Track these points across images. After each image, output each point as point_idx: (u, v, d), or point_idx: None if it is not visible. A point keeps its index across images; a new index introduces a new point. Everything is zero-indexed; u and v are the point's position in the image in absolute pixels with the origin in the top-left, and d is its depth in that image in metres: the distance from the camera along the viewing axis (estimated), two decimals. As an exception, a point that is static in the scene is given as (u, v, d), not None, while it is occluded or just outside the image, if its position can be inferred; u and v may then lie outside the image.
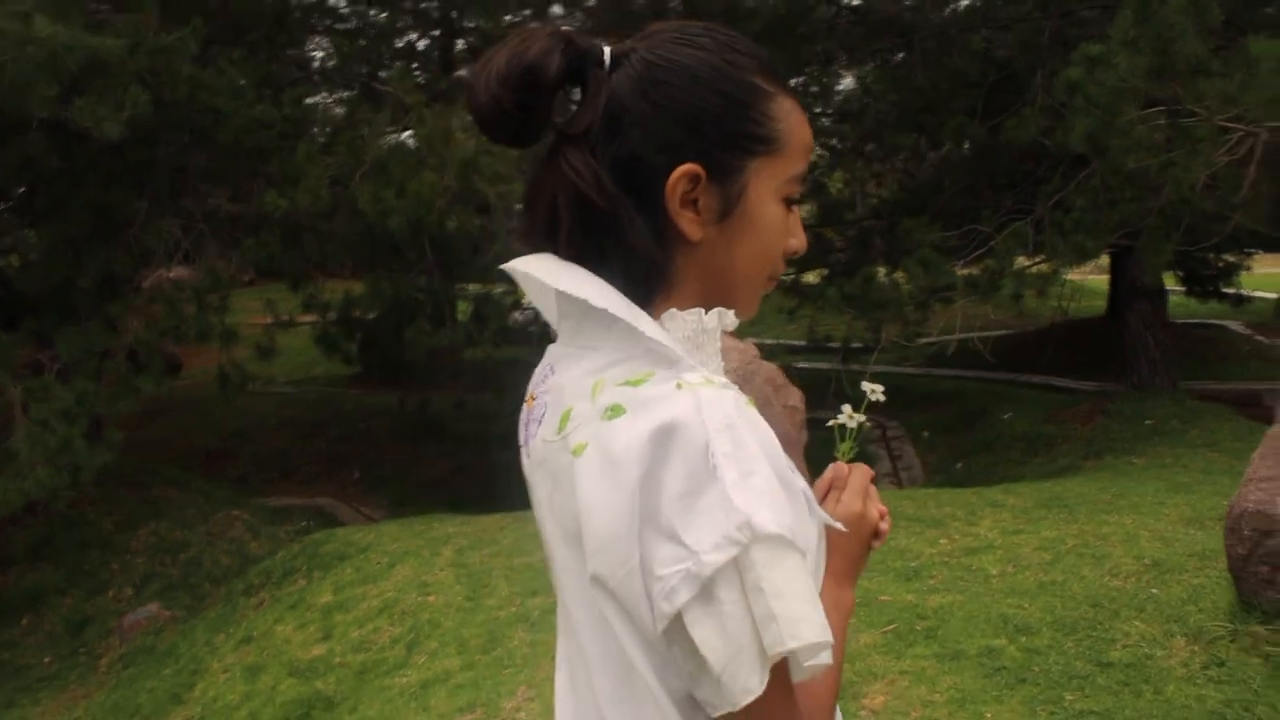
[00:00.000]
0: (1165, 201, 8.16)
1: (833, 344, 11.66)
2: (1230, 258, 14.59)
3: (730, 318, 1.03)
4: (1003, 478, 9.06)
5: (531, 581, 5.84)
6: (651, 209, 0.97)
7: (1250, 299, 15.74)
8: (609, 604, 0.91)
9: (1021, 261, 9.60)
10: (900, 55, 12.23)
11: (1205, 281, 15.21)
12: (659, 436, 0.87)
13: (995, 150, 9.95)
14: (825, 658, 0.89)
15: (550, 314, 1.07)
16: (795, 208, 1.04)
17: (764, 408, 4.55)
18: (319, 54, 12.69)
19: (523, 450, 1.07)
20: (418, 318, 10.90)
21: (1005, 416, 11.75)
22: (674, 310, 1.00)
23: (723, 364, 1.04)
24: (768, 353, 6.80)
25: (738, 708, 0.88)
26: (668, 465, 0.87)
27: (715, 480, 0.86)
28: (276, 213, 8.72)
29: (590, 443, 0.92)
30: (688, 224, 0.97)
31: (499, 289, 11.37)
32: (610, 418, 0.91)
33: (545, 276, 0.98)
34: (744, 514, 0.85)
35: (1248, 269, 15.10)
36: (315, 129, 10.54)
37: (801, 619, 0.87)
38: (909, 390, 13.20)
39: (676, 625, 0.87)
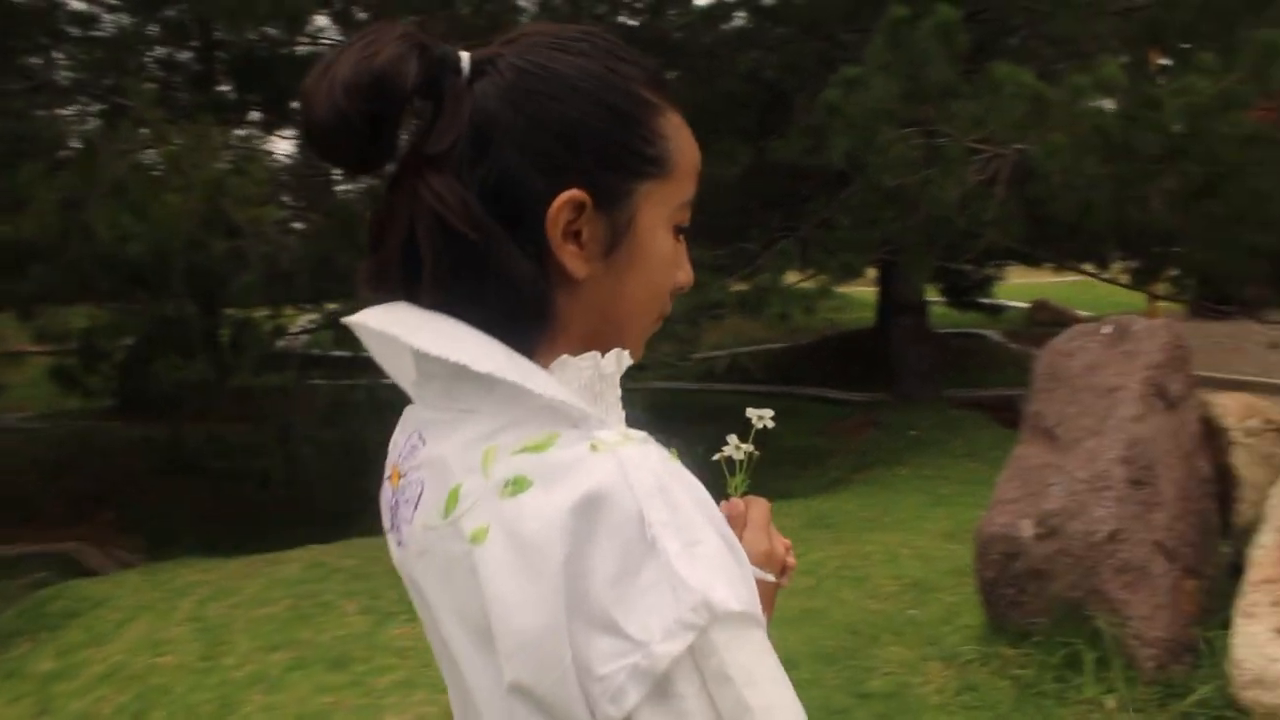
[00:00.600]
0: (923, 218, 8.43)
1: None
2: (988, 270, 15.36)
3: (627, 359, 0.90)
4: (775, 493, 9.13)
5: (274, 635, 5.43)
6: (529, 241, 0.83)
7: (1005, 309, 16.67)
8: (534, 715, 0.77)
9: (792, 278, 9.76)
10: (672, 75, 12.30)
11: (964, 293, 15.98)
12: (581, 510, 0.74)
13: (763, 170, 10.10)
14: None
15: (403, 375, 0.92)
16: (682, 238, 0.92)
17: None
18: (67, 65, 11.66)
19: (390, 536, 0.91)
20: (168, 348, 10.14)
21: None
22: (566, 358, 0.85)
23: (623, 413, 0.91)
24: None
25: None
26: (595, 544, 0.73)
27: (655, 555, 0.73)
28: (-8, 239, 7.89)
29: (492, 526, 0.77)
30: (571, 259, 0.84)
31: (260, 314, 10.73)
32: (513, 493, 0.77)
33: (406, 335, 0.82)
34: (698, 592, 0.72)
35: (1001, 280, 15.96)
36: (53, 147, 9.62)
37: (778, 706, 0.76)
38: (687, 407, 13.27)
39: None
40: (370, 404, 9.91)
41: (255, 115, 11.89)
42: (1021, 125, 7.13)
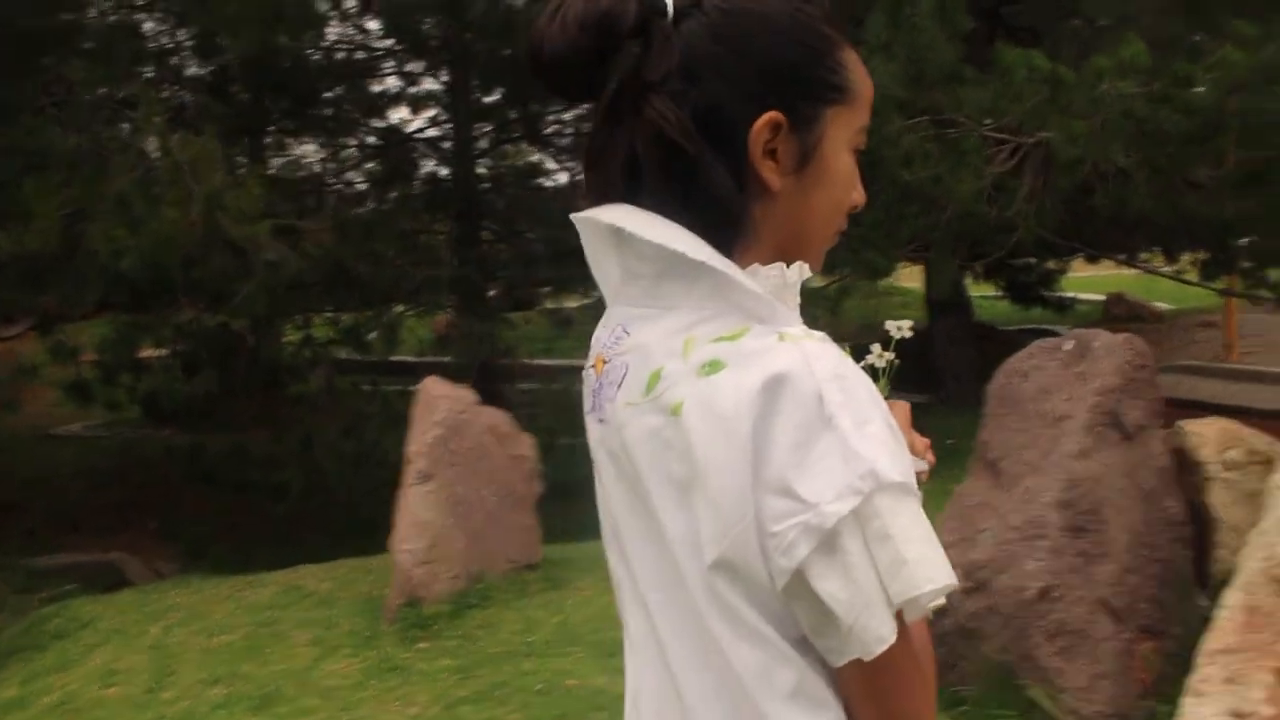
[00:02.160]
0: (951, 214, 7.88)
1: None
2: (1049, 264, 14.53)
3: (808, 271, 1.01)
4: None
5: (219, 667, 5.28)
6: (731, 158, 0.95)
7: (1073, 304, 15.79)
8: (728, 573, 0.89)
9: (818, 281, 9.26)
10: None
11: (1026, 288, 15.16)
12: (769, 388, 0.86)
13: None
14: (941, 597, 0.87)
15: (607, 278, 1.03)
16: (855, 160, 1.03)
17: (480, 460, 3.94)
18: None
19: (590, 417, 1.03)
20: (200, 360, 10.12)
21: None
22: (757, 265, 0.96)
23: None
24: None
25: (871, 657, 0.86)
26: (777, 417, 0.86)
27: (830, 429, 0.85)
28: (-1, 255, 7.88)
29: (687, 400, 0.90)
30: (769, 172, 0.96)
31: (284, 324, 10.65)
32: (708, 373, 0.89)
33: (636, 228, 0.95)
34: (867, 462, 0.84)
35: (1064, 274, 15.06)
36: (67, 161, 9.61)
37: (930, 562, 0.86)
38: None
39: (797, 580, 0.86)
40: (386, 415, 9.73)
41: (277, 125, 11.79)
42: (1039, 112, 6.53)
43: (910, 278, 18.03)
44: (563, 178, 12.76)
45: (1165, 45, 7.85)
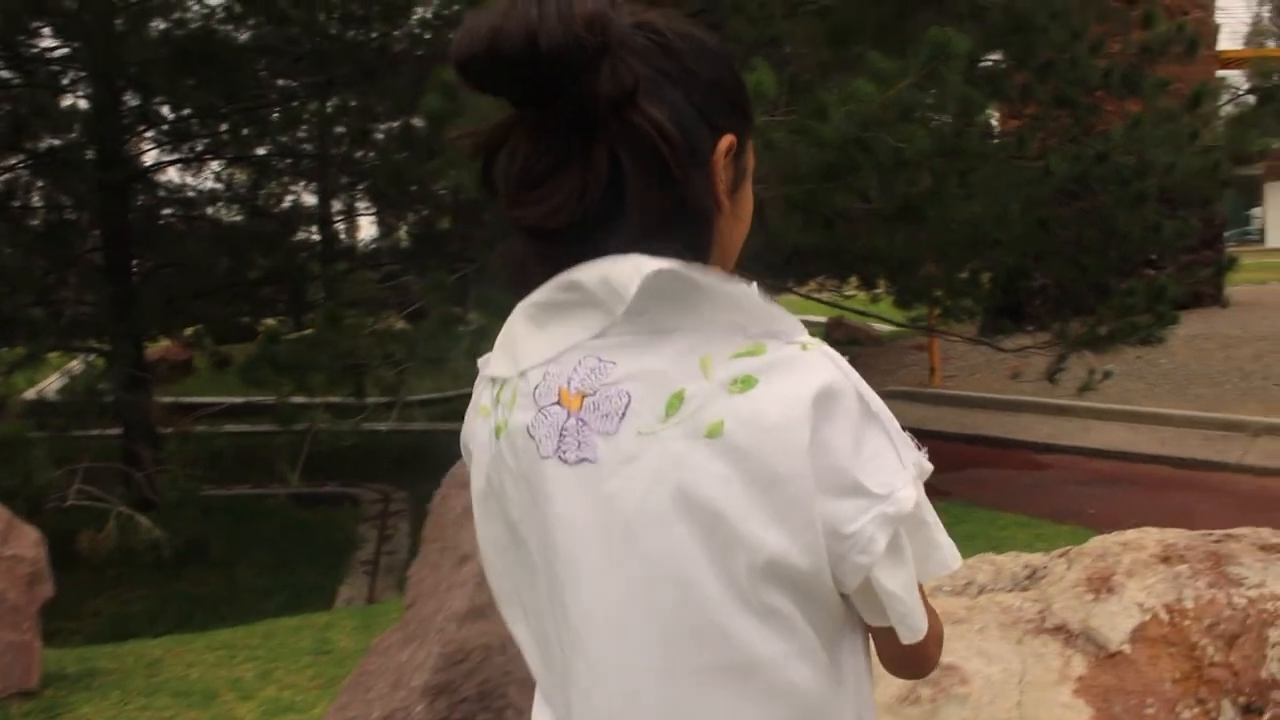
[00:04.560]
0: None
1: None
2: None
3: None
4: None
5: None
6: (703, 174, 0.94)
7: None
8: (783, 588, 0.88)
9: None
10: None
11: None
12: (821, 398, 0.87)
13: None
14: None
15: (560, 318, 0.96)
16: None
17: None
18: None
19: (545, 462, 0.93)
20: None
21: None
22: (739, 280, 0.94)
23: None
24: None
25: (919, 638, 0.93)
26: (835, 421, 0.87)
27: (877, 424, 0.89)
28: None
29: (727, 419, 0.87)
30: (722, 193, 0.95)
31: None
32: (743, 389, 0.88)
33: (647, 265, 0.88)
34: (914, 453, 0.91)
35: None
36: None
37: (950, 545, 0.95)
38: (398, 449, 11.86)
39: (867, 578, 0.89)
40: None
41: None
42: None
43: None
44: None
45: (814, 73, 7.46)
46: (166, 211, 11.73)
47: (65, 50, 10.33)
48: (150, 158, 11.49)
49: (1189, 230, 9.43)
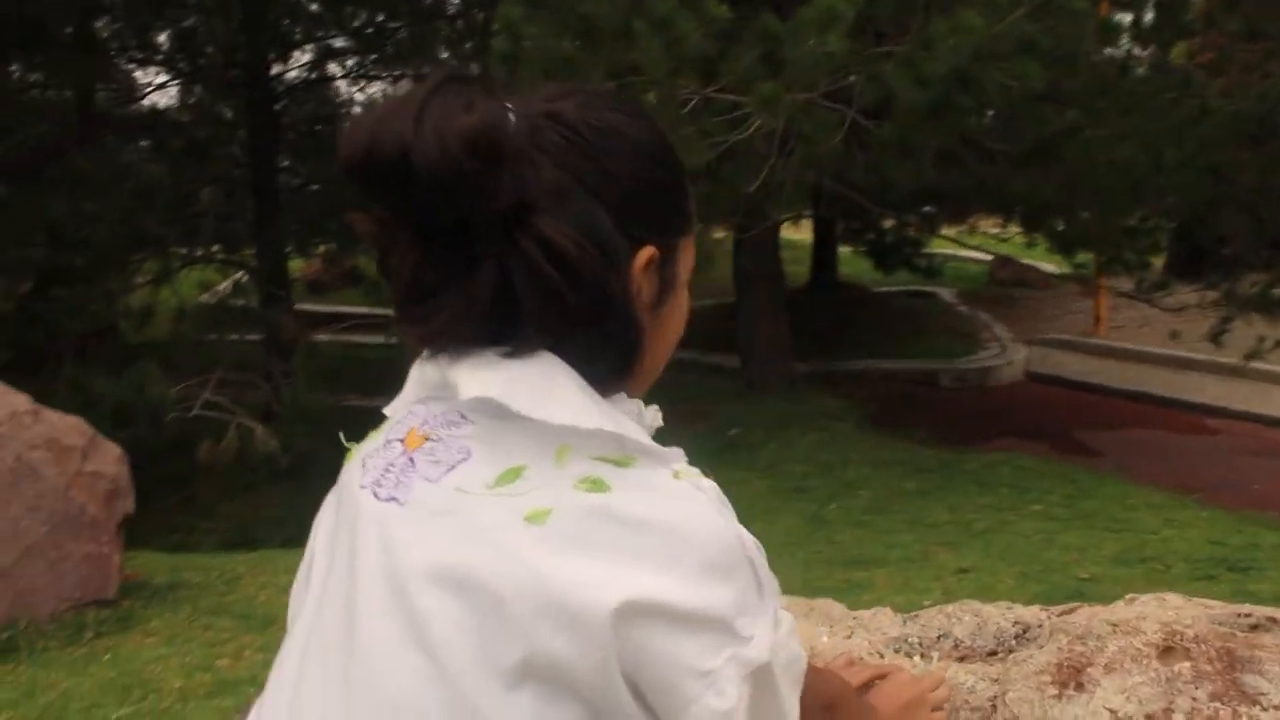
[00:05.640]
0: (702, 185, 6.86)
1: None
2: (911, 229, 13.55)
3: (659, 416, 0.94)
4: None
5: None
6: (621, 287, 0.85)
7: (944, 266, 14.96)
8: (551, 694, 0.77)
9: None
10: None
11: (887, 252, 14.23)
12: (680, 527, 0.78)
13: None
14: None
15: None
16: None
17: (20, 484, 3.05)
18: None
19: (364, 491, 0.87)
20: None
21: None
22: (623, 396, 0.89)
23: None
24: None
25: None
26: (697, 551, 0.78)
27: (750, 567, 0.81)
28: None
29: (555, 511, 0.78)
30: (640, 310, 0.86)
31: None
32: (588, 490, 0.79)
33: (535, 411, 0.81)
34: (777, 604, 0.83)
35: (927, 238, 14.07)
36: None
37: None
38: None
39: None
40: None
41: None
42: (751, 75, 5.47)
43: (801, 230, 17.08)
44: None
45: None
46: (315, 128, 11.90)
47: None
48: (297, 75, 11.64)
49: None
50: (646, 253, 0.84)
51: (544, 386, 0.81)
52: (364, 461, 0.90)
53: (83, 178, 9.05)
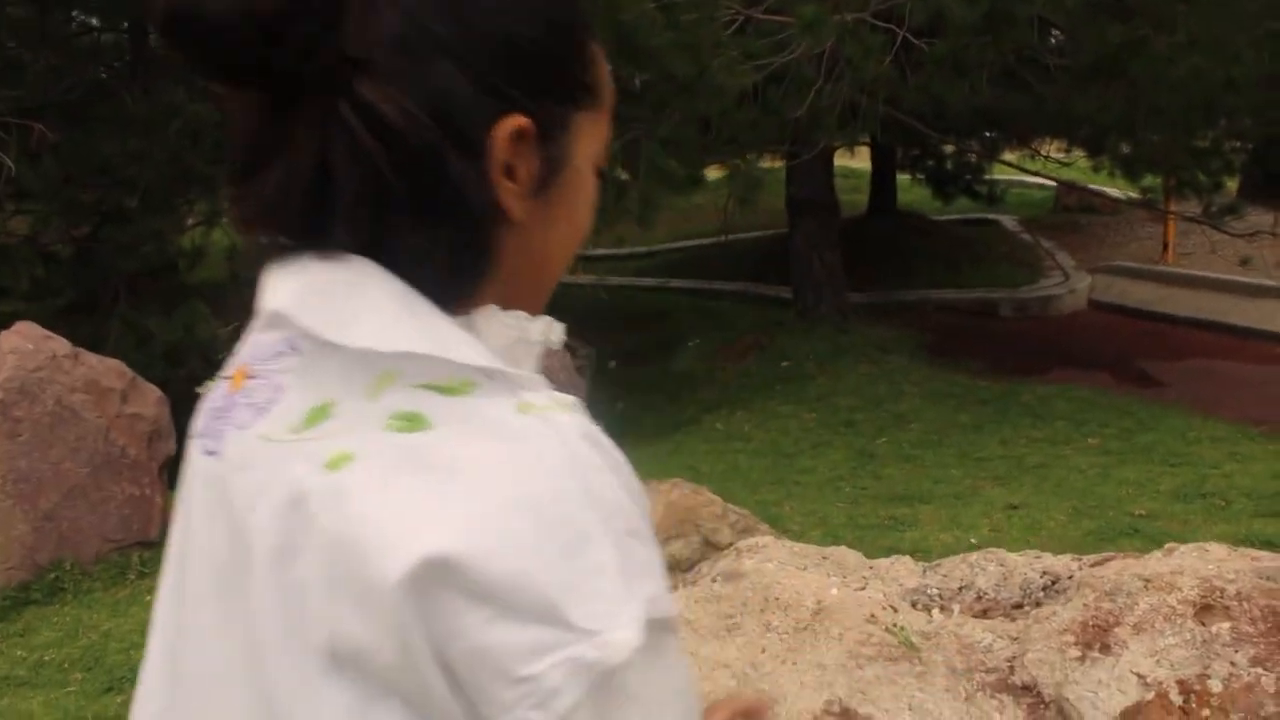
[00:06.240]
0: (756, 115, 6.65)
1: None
2: (970, 155, 13.14)
3: (558, 332, 0.75)
4: (633, 433, 7.61)
5: None
6: (475, 167, 0.67)
7: (1006, 193, 14.52)
8: (352, 681, 0.62)
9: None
10: None
11: (948, 178, 13.82)
12: (502, 472, 0.60)
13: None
14: None
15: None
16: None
17: (60, 426, 3.19)
18: None
19: (196, 442, 0.73)
20: None
21: (691, 344, 10.36)
22: (493, 308, 0.70)
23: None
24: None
25: None
26: (529, 517, 0.59)
27: (606, 540, 0.61)
28: None
29: (357, 457, 0.62)
30: (509, 196, 0.68)
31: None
32: (400, 429, 0.62)
33: (328, 331, 0.65)
34: (653, 587, 0.62)
35: (982, 163, 13.63)
36: None
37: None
38: (616, 310, 11.69)
39: None
40: None
41: None
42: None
43: (860, 157, 16.67)
44: None
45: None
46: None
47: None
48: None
49: None
50: (512, 122, 0.67)
51: (344, 296, 0.66)
52: (204, 406, 0.75)
53: (132, 119, 9.06)
